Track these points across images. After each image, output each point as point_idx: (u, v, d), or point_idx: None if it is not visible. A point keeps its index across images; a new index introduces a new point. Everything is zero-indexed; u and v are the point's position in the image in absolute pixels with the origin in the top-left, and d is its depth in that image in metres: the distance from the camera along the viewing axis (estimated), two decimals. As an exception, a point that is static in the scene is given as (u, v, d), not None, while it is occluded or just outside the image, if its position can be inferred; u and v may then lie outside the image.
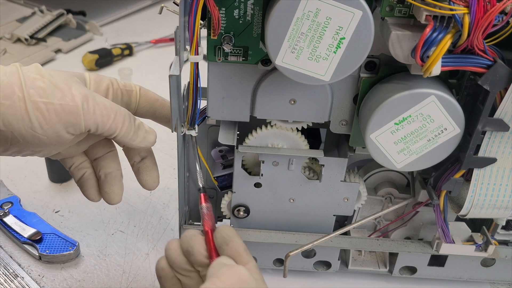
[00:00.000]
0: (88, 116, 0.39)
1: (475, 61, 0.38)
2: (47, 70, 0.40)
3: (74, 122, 0.39)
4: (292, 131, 0.48)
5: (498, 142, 0.42)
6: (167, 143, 0.78)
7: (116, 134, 0.42)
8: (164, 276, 0.41)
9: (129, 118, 0.43)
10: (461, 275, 0.55)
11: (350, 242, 0.53)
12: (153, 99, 0.48)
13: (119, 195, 0.48)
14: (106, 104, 0.41)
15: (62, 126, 0.39)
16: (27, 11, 1.14)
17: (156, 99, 0.48)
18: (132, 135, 0.43)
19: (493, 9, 0.35)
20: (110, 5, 1.25)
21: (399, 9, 0.38)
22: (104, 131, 0.41)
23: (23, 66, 0.40)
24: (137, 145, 0.44)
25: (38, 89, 0.38)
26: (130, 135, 0.43)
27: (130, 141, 0.43)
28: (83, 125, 0.40)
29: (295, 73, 0.39)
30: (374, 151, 0.43)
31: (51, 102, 0.38)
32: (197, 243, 0.40)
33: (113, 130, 0.41)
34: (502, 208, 0.46)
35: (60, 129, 0.39)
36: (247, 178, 0.50)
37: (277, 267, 0.56)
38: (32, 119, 0.38)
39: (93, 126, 0.40)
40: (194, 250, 0.40)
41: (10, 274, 0.55)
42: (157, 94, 0.49)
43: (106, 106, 0.41)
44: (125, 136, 0.43)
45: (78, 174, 0.47)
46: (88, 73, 0.45)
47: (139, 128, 0.44)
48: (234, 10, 0.40)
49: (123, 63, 1.03)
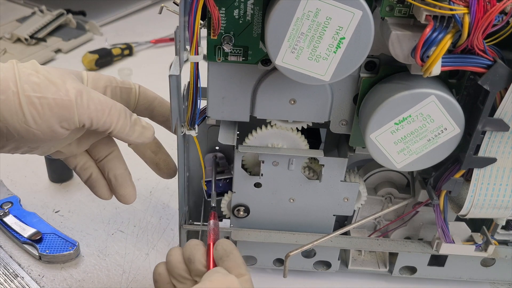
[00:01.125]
0: (82, 111, 0.39)
1: (475, 61, 0.38)
2: (43, 67, 0.41)
3: (68, 116, 0.39)
4: (292, 131, 0.48)
5: (498, 142, 0.42)
6: (167, 143, 0.77)
7: (112, 128, 0.42)
8: (161, 281, 0.43)
9: (125, 113, 0.43)
10: (461, 275, 0.55)
11: (350, 242, 0.53)
12: (151, 97, 0.48)
13: (134, 195, 0.49)
14: (101, 98, 0.41)
15: (56, 121, 0.39)
16: (27, 11, 1.14)
17: (154, 97, 0.49)
18: (128, 130, 0.43)
19: (493, 9, 0.35)
20: (110, 5, 1.25)
21: (399, 9, 0.38)
22: (99, 126, 0.41)
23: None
24: (134, 140, 0.44)
25: (32, 84, 0.38)
26: (126, 130, 0.43)
27: (126, 136, 0.43)
28: (77, 119, 0.39)
29: (295, 73, 0.39)
30: (374, 151, 0.43)
31: (45, 97, 0.38)
32: (199, 252, 0.42)
33: (108, 125, 0.41)
34: (502, 208, 0.46)
35: (54, 123, 0.39)
36: (247, 178, 0.50)
37: (277, 267, 0.56)
38: (25, 114, 0.38)
39: (87, 120, 0.40)
40: (195, 258, 0.41)
41: (10, 274, 0.55)
42: (155, 93, 0.49)
43: (101, 100, 0.41)
44: (121, 131, 0.42)
45: (85, 174, 0.48)
46: (87, 71, 0.45)
47: (136, 123, 0.44)
48: (234, 10, 0.40)
49: (123, 63, 1.03)
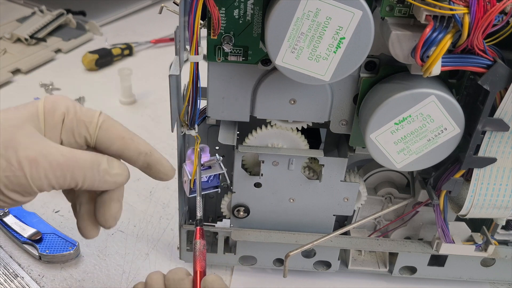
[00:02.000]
0: (39, 182, 0.35)
1: (475, 61, 0.38)
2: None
3: (26, 189, 0.35)
4: (292, 131, 0.48)
5: (498, 142, 0.42)
6: (167, 143, 0.78)
7: (78, 187, 0.37)
8: None
9: (91, 169, 0.37)
10: (461, 275, 0.55)
11: (350, 242, 0.53)
12: (116, 136, 0.39)
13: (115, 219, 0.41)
14: (60, 161, 0.35)
15: (16, 194, 0.36)
16: (27, 11, 1.14)
17: (121, 137, 0.39)
18: (97, 184, 0.37)
19: (493, 9, 0.35)
20: (110, 5, 1.25)
21: (399, 9, 0.38)
22: (63, 187, 0.36)
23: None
24: (106, 189, 0.39)
25: None
26: (95, 186, 0.37)
27: (97, 189, 0.38)
28: (36, 189, 0.36)
29: (295, 73, 0.39)
30: (374, 151, 0.43)
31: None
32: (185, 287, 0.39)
33: (74, 186, 0.37)
34: (502, 208, 0.46)
35: (15, 196, 0.36)
36: (247, 178, 0.50)
37: (277, 267, 0.56)
38: None
39: (49, 188, 0.36)
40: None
41: (10, 274, 0.55)
42: (127, 131, 0.40)
43: (60, 164, 0.35)
44: (89, 187, 0.37)
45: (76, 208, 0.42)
46: (44, 98, 0.38)
47: (106, 173, 0.37)
48: (234, 10, 0.40)
49: (123, 63, 1.03)
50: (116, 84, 0.90)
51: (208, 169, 0.49)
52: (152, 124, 0.84)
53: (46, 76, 0.96)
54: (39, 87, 0.93)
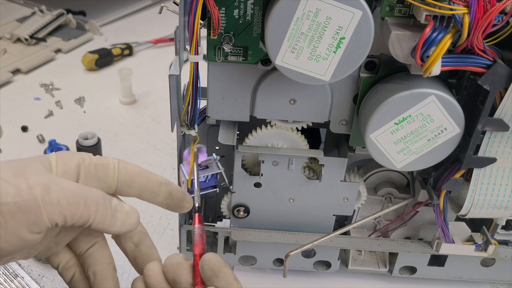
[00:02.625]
0: (51, 209, 0.33)
1: (475, 61, 0.38)
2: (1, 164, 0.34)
3: (35, 219, 0.32)
4: (292, 131, 0.48)
5: (498, 142, 0.42)
6: (167, 143, 0.78)
7: (90, 222, 0.35)
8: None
9: (103, 201, 0.36)
10: (461, 275, 0.55)
11: (350, 242, 0.53)
12: (135, 172, 0.39)
13: None
14: (73, 188, 0.34)
15: (24, 227, 0.32)
16: (27, 11, 1.14)
17: (139, 172, 0.40)
18: (109, 220, 0.36)
19: (493, 9, 0.35)
20: (110, 5, 1.25)
21: (399, 9, 0.38)
22: (74, 221, 0.34)
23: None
24: (116, 231, 0.37)
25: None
26: (107, 221, 0.36)
27: (108, 227, 0.36)
28: (47, 219, 0.33)
29: (295, 73, 0.39)
30: (374, 151, 0.43)
31: (5, 202, 0.32)
32: (184, 272, 0.37)
33: (86, 219, 0.35)
34: (502, 208, 0.46)
35: (22, 231, 0.33)
36: (247, 178, 0.50)
37: (277, 267, 0.56)
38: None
39: (60, 218, 0.33)
40: (181, 279, 0.37)
41: (10, 274, 0.55)
42: (139, 167, 0.40)
43: (73, 191, 0.34)
44: (101, 223, 0.36)
45: (68, 275, 0.40)
46: (56, 153, 0.37)
47: (117, 210, 0.37)
48: (234, 10, 0.40)
49: (123, 63, 1.03)
50: (116, 84, 0.90)
51: (205, 169, 0.49)
52: (152, 124, 0.84)
53: (46, 76, 0.96)
54: (39, 87, 0.93)
